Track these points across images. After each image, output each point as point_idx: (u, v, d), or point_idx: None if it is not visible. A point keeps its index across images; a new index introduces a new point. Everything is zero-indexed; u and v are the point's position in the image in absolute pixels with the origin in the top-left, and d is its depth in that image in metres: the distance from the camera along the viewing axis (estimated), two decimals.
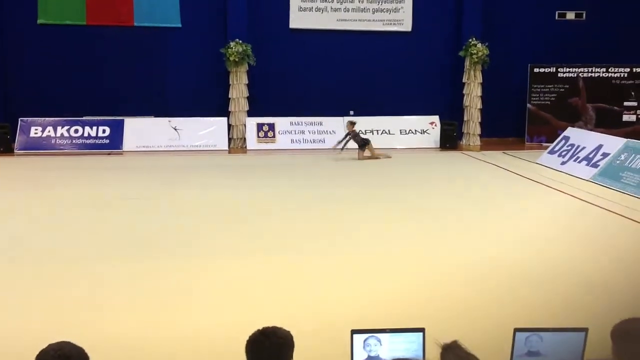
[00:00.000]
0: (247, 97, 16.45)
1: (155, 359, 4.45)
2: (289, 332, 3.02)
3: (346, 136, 14.55)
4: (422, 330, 3.53)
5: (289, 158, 14.65)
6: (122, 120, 16.10)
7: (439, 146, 16.56)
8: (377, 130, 16.80)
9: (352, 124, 14.57)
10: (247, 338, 3.00)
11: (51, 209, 9.64)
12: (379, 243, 7.90)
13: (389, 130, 16.87)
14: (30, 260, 7.12)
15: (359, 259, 7.21)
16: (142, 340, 5.01)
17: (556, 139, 14.66)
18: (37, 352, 2.61)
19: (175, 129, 16.12)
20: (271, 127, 16.46)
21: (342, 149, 14.42)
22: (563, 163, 13.42)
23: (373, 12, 17.17)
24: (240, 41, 15.99)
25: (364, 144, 14.52)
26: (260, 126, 16.48)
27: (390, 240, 8.02)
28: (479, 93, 16.92)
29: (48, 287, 6.28)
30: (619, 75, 17.04)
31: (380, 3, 17.14)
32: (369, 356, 3.43)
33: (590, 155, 12.83)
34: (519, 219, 9.24)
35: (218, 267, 6.92)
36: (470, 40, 16.67)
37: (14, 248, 7.60)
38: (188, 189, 11.11)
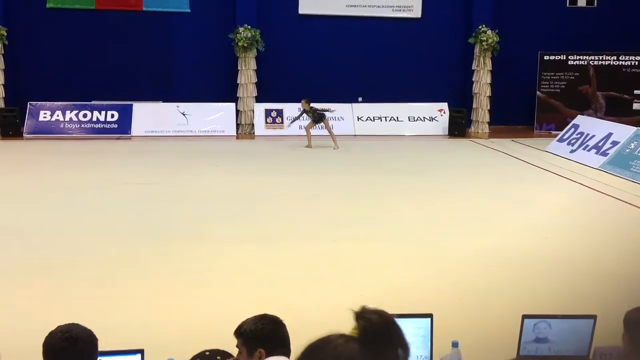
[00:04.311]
0: (256, 83, 16.42)
1: (162, 343, 4.46)
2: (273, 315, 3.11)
3: (301, 114, 14.67)
4: (430, 315, 3.52)
5: (296, 144, 14.62)
6: (131, 105, 16.10)
7: (447, 133, 16.50)
8: (386, 117, 16.77)
9: (307, 102, 14.35)
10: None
11: (59, 193, 9.66)
12: (387, 230, 7.89)
13: (397, 117, 16.82)
14: (39, 244, 7.14)
15: (367, 245, 7.20)
16: (150, 325, 5.03)
17: (565, 127, 14.59)
18: (46, 334, 2.62)
19: (184, 114, 16.11)
20: (279, 113, 16.42)
21: (292, 122, 15.29)
22: (572, 151, 13.36)
23: None
24: (249, 26, 15.94)
25: (320, 118, 14.28)
26: (268, 112, 16.44)
27: (398, 227, 8.01)
28: (488, 80, 16.83)
29: (57, 270, 6.30)
30: (629, 64, 16.90)
31: None
32: None
33: (600, 144, 12.76)
34: (528, 206, 9.20)
35: (225, 253, 6.93)
36: (480, 27, 16.55)
37: (22, 232, 7.62)
38: (195, 174, 11.11)
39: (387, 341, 1.86)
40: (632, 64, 16.87)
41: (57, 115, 15.84)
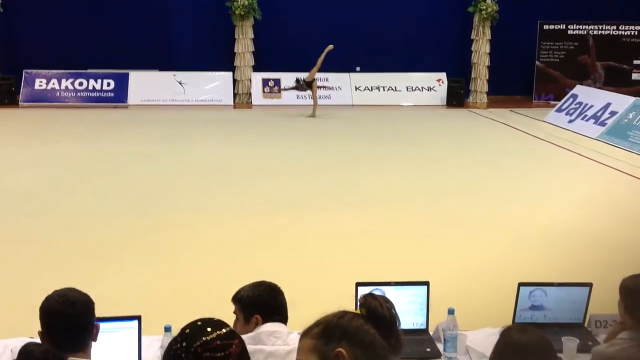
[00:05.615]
0: (253, 52, 16.30)
1: (160, 310, 4.48)
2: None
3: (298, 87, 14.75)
4: (426, 283, 3.54)
5: (294, 114, 14.56)
6: (127, 74, 15.99)
7: (445, 104, 16.43)
8: (384, 87, 16.68)
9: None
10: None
11: (55, 162, 9.63)
12: (385, 199, 7.90)
13: (395, 87, 16.73)
14: (36, 212, 7.15)
15: (364, 215, 7.22)
16: (148, 292, 5.06)
17: (564, 97, 14.54)
18: (41, 300, 2.63)
19: (180, 83, 16.01)
20: (277, 82, 16.32)
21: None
22: (570, 121, 13.33)
23: None
24: None
25: (301, 86, 14.60)
26: (265, 81, 16.35)
27: (396, 197, 8.02)
28: (487, 50, 16.72)
29: (53, 239, 6.31)
30: (629, 33, 16.79)
31: None
32: None
33: (598, 114, 12.74)
34: (525, 177, 9.21)
35: (223, 222, 6.94)
36: None
37: (19, 200, 7.62)
38: (192, 143, 11.08)
39: (390, 320, 1.91)
40: (632, 33, 16.76)
41: (53, 84, 15.73)
